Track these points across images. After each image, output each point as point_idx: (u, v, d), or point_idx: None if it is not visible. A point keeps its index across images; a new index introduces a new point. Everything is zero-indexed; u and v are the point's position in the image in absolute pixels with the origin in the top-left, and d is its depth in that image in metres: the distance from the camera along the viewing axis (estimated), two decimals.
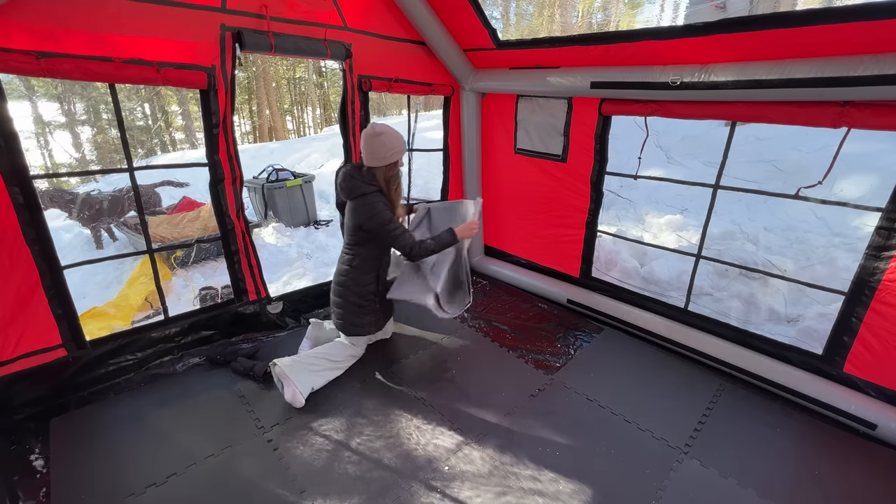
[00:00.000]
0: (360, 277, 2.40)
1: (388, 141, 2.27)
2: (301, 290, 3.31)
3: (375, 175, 2.32)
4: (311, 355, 2.46)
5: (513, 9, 20.92)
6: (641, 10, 21.10)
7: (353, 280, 2.40)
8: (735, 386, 2.55)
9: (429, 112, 11.20)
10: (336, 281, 2.47)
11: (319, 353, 2.48)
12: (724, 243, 4.24)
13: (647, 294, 3.18)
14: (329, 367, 2.48)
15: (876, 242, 2.08)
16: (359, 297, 2.43)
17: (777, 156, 5.29)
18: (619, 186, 5.67)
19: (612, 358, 2.83)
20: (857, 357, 2.23)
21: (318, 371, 2.41)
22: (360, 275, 2.40)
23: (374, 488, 1.87)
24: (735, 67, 2.15)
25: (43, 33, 1.90)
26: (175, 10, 2.21)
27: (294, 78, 19.76)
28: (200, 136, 14.70)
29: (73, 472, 1.94)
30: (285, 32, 2.57)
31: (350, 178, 2.31)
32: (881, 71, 1.74)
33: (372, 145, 2.26)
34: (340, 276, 2.43)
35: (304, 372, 2.34)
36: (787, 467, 2.02)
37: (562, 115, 3.12)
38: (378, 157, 2.28)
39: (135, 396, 2.41)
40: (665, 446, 2.11)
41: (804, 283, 2.52)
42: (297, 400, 2.29)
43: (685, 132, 6.29)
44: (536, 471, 1.96)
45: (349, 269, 2.40)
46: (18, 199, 2.01)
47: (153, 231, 4.54)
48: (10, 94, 1.94)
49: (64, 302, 2.25)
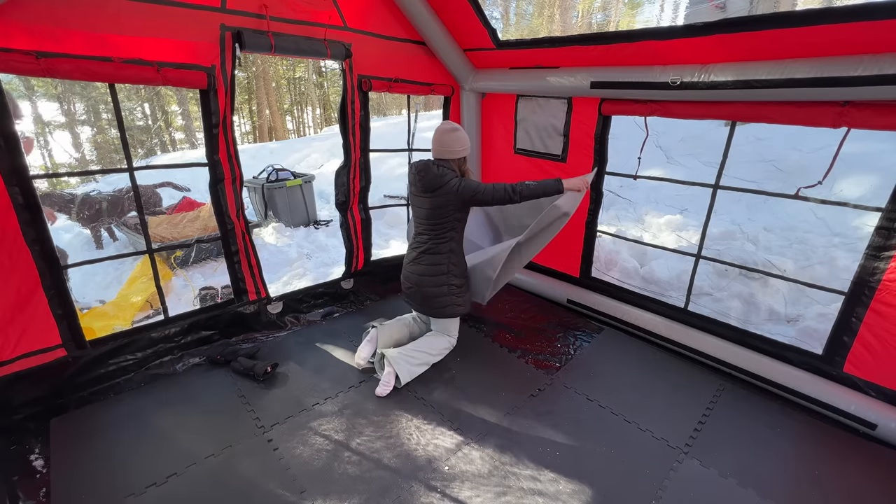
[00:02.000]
0: (458, 259, 2.52)
1: (462, 136, 2.46)
2: (301, 290, 3.31)
3: (451, 165, 2.45)
4: (411, 348, 2.54)
5: (513, 9, 20.92)
6: (641, 11, 21.10)
7: (454, 263, 2.49)
8: (735, 386, 2.55)
9: (429, 112, 11.20)
10: (430, 271, 2.48)
11: (419, 347, 2.57)
12: (723, 243, 4.24)
13: (647, 294, 3.18)
14: (426, 361, 2.58)
15: (876, 242, 2.08)
16: (459, 277, 2.52)
17: (777, 156, 5.29)
18: (619, 186, 5.67)
19: (612, 358, 2.83)
20: (856, 357, 2.23)
21: (416, 364, 2.53)
22: (457, 257, 2.51)
23: (374, 488, 1.87)
24: (735, 67, 2.15)
25: (43, 33, 1.90)
26: (175, 9, 2.21)
27: (294, 78, 19.76)
28: (200, 136, 14.68)
29: (73, 472, 1.94)
30: (285, 32, 2.57)
31: (429, 170, 2.39)
32: (881, 71, 1.75)
33: (449, 139, 2.42)
34: (438, 264, 2.46)
35: (405, 363, 2.47)
36: (787, 467, 2.02)
37: (561, 115, 3.12)
38: (453, 150, 2.43)
39: (135, 396, 2.41)
40: (665, 446, 2.11)
41: (804, 283, 2.52)
42: (385, 390, 2.42)
43: (685, 132, 6.29)
44: (536, 471, 1.97)
45: (448, 253, 2.47)
46: (18, 199, 2.01)
47: (153, 231, 4.53)
48: (9, 94, 1.93)
49: (64, 302, 2.25)
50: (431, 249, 2.49)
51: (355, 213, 3.34)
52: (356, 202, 3.33)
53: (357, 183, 3.27)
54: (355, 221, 3.36)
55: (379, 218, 5.57)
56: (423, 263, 2.51)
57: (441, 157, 2.45)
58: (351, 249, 3.41)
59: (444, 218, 2.42)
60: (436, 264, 2.48)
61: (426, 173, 2.39)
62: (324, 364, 2.74)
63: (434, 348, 2.63)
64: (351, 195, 3.27)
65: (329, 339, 3.02)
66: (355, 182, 3.25)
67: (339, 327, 3.18)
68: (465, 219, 2.50)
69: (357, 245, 3.42)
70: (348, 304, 3.51)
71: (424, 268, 2.51)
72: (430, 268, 2.49)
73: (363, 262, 3.52)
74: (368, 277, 3.62)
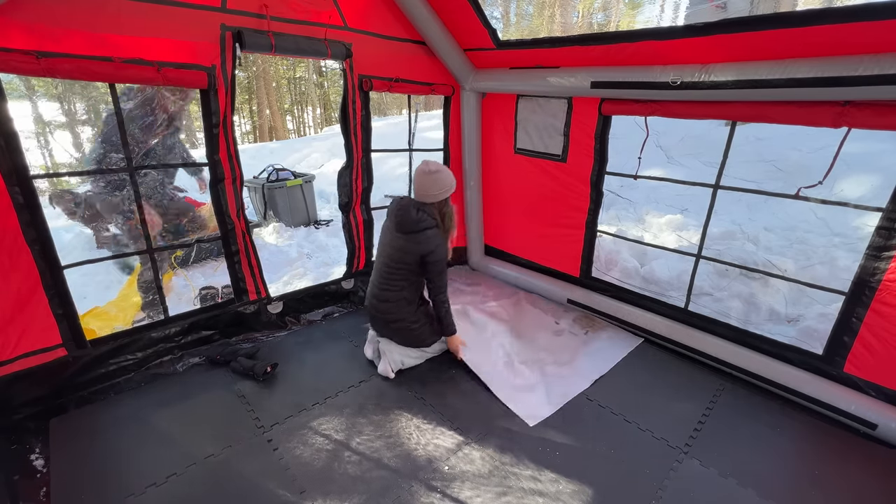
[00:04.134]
0: (410, 306, 2.52)
1: (441, 178, 2.41)
2: (301, 290, 3.31)
3: (431, 210, 2.43)
4: (408, 357, 2.61)
5: (513, 9, 20.92)
6: (641, 11, 21.11)
7: (407, 311, 2.51)
8: (735, 386, 2.55)
9: (429, 112, 11.19)
10: (386, 318, 2.51)
11: (415, 356, 2.65)
12: (724, 243, 4.23)
13: (648, 294, 3.18)
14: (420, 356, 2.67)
15: (876, 242, 2.08)
16: (413, 322, 2.54)
17: (777, 156, 5.29)
18: (620, 186, 5.67)
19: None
20: (857, 357, 2.23)
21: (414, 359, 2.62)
22: (410, 304, 2.51)
23: (374, 488, 1.87)
24: (735, 67, 2.14)
25: (43, 33, 1.89)
26: (175, 9, 2.21)
27: (294, 78, 19.76)
28: (200, 135, 14.67)
29: (73, 472, 1.94)
30: (285, 32, 2.56)
31: (408, 212, 2.39)
32: (881, 71, 1.74)
33: (427, 182, 2.40)
34: (391, 313, 2.49)
35: (398, 355, 2.56)
36: (787, 467, 2.02)
37: (562, 115, 3.12)
38: (432, 194, 2.42)
39: (135, 396, 2.41)
40: (665, 446, 2.11)
41: (804, 283, 2.52)
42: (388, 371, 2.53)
43: (685, 132, 6.29)
44: (537, 471, 1.96)
45: (400, 300, 2.48)
46: (18, 198, 2.01)
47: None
48: (10, 94, 1.93)
49: (64, 301, 2.25)
50: (390, 295, 2.50)
51: (357, 213, 3.35)
52: (358, 203, 3.33)
53: (360, 183, 3.27)
54: (357, 222, 3.36)
55: (380, 218, 5.57)
56: (383, 306, 2.52)
57: (421, 199, 2.44)
58: (353, 250, 3.41)
59: (404, 263, 2.44)
60: (391, 311, 2.51)
61: (405, 214, 2.40)
62: (324, 364, 2.74)
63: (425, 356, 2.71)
64: (354, 196, 3.27)
65: (329, 339, 3.01)
66: (358, 182, 3.25)
67: (340, 327, 3.18)
68: (421, 281, 2.54)
69: (359, 245, 3.42)
70: (349, 304, 3.51)
71: (383, 310, 2.53)
72: (387, 312, 2.51)
73: (364, 262, 3.52)
74: (369, 278, 3.61)
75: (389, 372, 2.55)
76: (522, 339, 2.95)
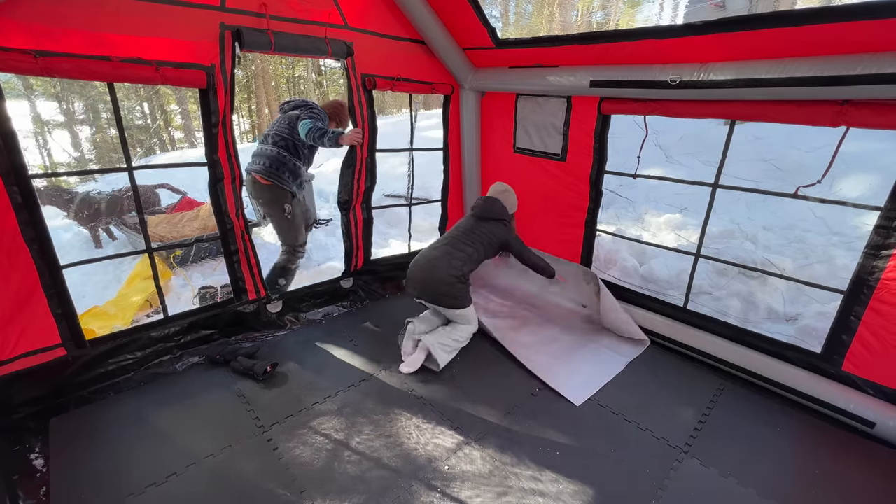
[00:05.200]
0: (473, 266, 2.80)
1: (513, 196, 3.02)
2: (301, 290, 3.31)
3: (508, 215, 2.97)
4: (445, 335, 2.71)
5: (512, 8, 20.89)
6: (641, 9, 21.07)
7: (468, 269, 2.77)
8: (735, 385, 2.55)
9: (428, 111, 11.18)
10: (449, 272, 2.69)
11: (450, 335, 2.73)
12: (723, 242, 4.24)
13: (647, 293, 3.18)
14: (456, 348, 2.76)
15: (874, 241, 2.08)
16: (461, 286, 2.73)
17: (776, 155, 5.29)
18: (619, 185, 5.67)
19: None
20: (855, 355, 2.24)
21: (450, 351, 2.71)
22: (473, 264, 2.80)
23: (374, 488, 1.87)
24: (734, 66, 2.14)
25: (41, 32, 1.89)
26: (174, 8, 2.20)
27: (293, 77, 19.71)
28: (200, 135, 14.65)
29: (73, 471, 1.94)
30: (285, 31, 2.56)
31: (493, 203, 2.92)
32: (880, 70, 1.75)
33: (506, 195, 2.99)
34: (454, 269, 2.70)
35: (441, 351, 2.65)
36: (787, 466, 2.03)
37: (561, 114, 3.12)
38: (509, 202, 2.98)
39: (135, 396, 2.41)
40: (665, 446, 2.12)
41: (803, 282, 2.52)
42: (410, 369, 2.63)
43: (684, 131, 6.29)
44: (537, 471, 1.97)
45: (465, 260, 2.75)
46: (17, 198, 2.01)
47: (152, 230, 4.52)
48: (8, 94, 1.93)
49: (63, 301, 2.25)
50: (457, 255, 2.73)
51: (358, 212, 3.34)
52: (359, 202, 3.32)
53: (362, 184, 3.27)
54: (357, 221, 3.36)
55: (379, 217, 5.56)
56: (448, 264, 2.70)
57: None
58: (350, 249, 3.41)
59: (477, 242, 2.80)
60: (455, 267, 2.69)
61: (492, 205, 2.91)
62: (323, 363, 2.74)
63: (462, 336, 2.76)
64: (355, 195, 3.27)
65: (329, 338, 3.01)
66: (360, 182, 3.25)
67: (339, 326, 3.18)
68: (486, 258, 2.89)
69: (357, 244, 3.42)
70: (348, 303, 3.51)
71: (447, 267, 2.68)
72: (451, 268, 2.68)
73: (363, 261, 3.52)
74: (368, 277, 3.62)
75: (414, 369, 2.63)
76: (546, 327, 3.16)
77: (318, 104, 3.07)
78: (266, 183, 3.01)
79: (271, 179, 3.00)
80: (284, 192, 3.05)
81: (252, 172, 3.03)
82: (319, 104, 3.11)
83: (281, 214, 3.09)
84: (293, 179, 3.10)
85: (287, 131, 3.01)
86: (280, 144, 3.01)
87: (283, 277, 3.21)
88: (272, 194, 3.04)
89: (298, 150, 3.05)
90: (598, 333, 3.05)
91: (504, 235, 2.89)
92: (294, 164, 3.06)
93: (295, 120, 2.98)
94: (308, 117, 2.91)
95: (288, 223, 3.13)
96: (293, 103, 3.08)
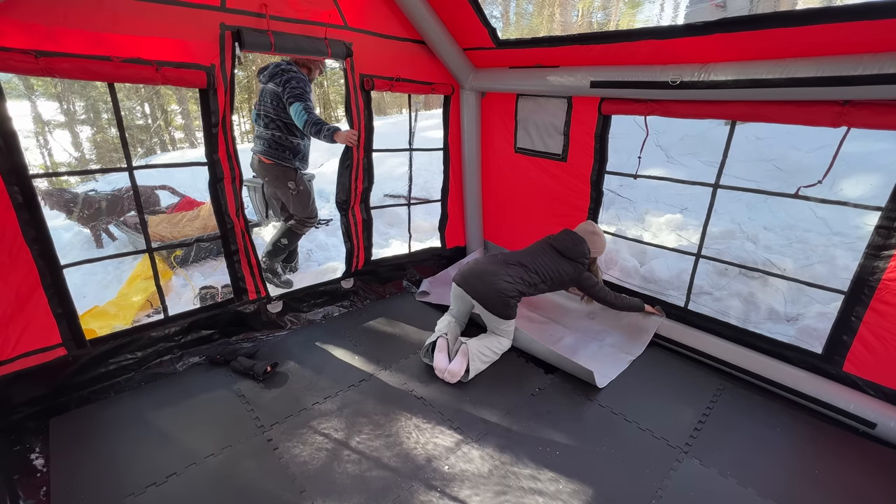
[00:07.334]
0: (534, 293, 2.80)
1: (600, 241, 2.95)
2: (301, 290, 3.31)
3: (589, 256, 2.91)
4: (485, 346, 2.67)
5: (512, 8, 20.87)
6: (641, 10, 21.04)
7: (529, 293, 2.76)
8: (735, 385, 2.55)
9: (428, 111, 11.19)
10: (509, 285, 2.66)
11: (490, 346, 2.69)
12: (723, 242, 4.23)
13: (647, 293, 3.18)
14: (492, 360, 2.71)
15: (875, 242, 2.08)
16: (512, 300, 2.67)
17: (777, 155, 5.28)
18: (619, 185, 5.66)
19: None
20: (856, 356, 2.23)
21: (484, 362, 2.66)
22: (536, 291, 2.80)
23: (374, 487, 1.87)
24: (735, 67, 2.14)
25: (42, 32, 1.89)
26: (174, 8, 2.20)
27: None
28: (200, 135, 14.65)
29: (73, 471, 1.94)
30: (285, 31, 2.56)
31: (580, 244, 2.86)
32: (881, 70, 1.74)
33: (594, 238, 2.92)
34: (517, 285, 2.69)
35: (479, 360, 2.61)
36: (787, 466, 2.02)
37: (562, 115, 3.12)
38: (595, 247, 2.92)
39: (135, 396, 2.41)
40: (665, 446, 2.11)
41: (804, 283, 2.52)
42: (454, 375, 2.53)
43: (685, 131, 6.28)
44: (536, 470, 1.97)
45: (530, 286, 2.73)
46: (18, 198, 2.01)
47: (153, 230, 4.52)
48: (9, 94, 1.93)
49: (64, 301, 2.25)
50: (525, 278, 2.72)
51: (356, 212, 3.34)
52: (358, 202, 3.33)
53: (360, 184, 3.27)
54: (356, 221, 3.36)
55: (379, 217, 5.57)
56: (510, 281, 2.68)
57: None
58: (351, 249, 3.41)
59: (558, 276, 2.79)
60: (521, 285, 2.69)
61: (579, 244, 2.85)
62: (323, 363, 2.74)
63: (501, 347, 2.73)
64: (353, 195, 3.27)
65: (329, 338, 3.02)
66: (358, 183, 3.25)
67: (339, 327, 3.18)
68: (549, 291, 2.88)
69: (357, 245, 3.42)
70: (348, 303, 3.51)
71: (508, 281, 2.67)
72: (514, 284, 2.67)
73: (363, 261, 3.52)
74: (368, 277, 3.62)
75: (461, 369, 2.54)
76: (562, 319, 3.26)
77: (292, 67, 2.97)
78: (268, 162, 3.12)
79: (273, 159, 3.10)
80: (287, 168, 3.16)
81: (255, 153, 3.17)
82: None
83: (287, 191, 3.22)
84: (294, 156, 3.16)
85: (273, 111, 3.04)
86: (271, 127, 3.07)
87: (287, 238, 3.35)
88: (276, 171, 3.17)
89: (291, 127, 3.08)
90: (602, 333, 3.04)
91: (576, 276, 2.86)
92: (291, 141, 3.11)
93: (277, 98, 2.99)
94: (295, 99, 2.85)
95: (295, 197, 3.26)
96: (268, 72, 3.01)
